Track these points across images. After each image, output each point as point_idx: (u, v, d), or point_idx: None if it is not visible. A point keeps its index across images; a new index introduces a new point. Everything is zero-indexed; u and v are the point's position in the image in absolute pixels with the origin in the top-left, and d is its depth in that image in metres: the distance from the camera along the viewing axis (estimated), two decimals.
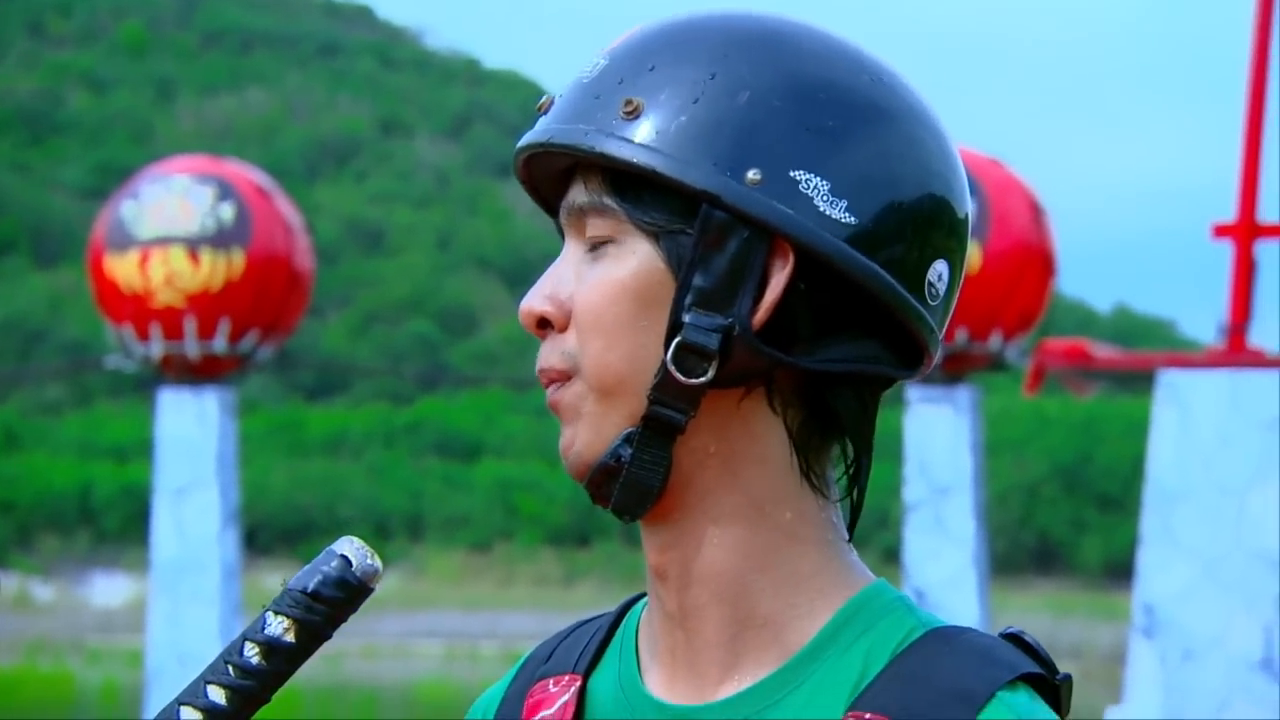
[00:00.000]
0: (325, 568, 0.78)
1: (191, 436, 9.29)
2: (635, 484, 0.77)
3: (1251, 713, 7.87)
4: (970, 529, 9.35)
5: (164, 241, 9.11)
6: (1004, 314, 9.71)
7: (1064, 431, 31.54)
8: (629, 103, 0.76)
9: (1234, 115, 8.86)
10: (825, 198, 0.76)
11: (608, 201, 0.77)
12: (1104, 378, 12.02)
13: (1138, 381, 11.05)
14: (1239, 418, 8.07)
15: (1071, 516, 30.95)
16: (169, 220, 9.35)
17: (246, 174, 9.94)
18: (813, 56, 0.78)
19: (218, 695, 0.79)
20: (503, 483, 31.72)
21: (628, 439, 0.77)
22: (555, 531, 30.87)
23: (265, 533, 27.79)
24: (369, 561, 0.79)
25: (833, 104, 0.77)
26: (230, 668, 0.79)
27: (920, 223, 0.79)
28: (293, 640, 0.78)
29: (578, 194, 0.79)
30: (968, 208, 0.83)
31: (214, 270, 9.39)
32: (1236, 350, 8.24)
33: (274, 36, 52.05)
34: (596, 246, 0.79)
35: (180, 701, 0.79)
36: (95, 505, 29.41)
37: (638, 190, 0.77)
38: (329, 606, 0.78)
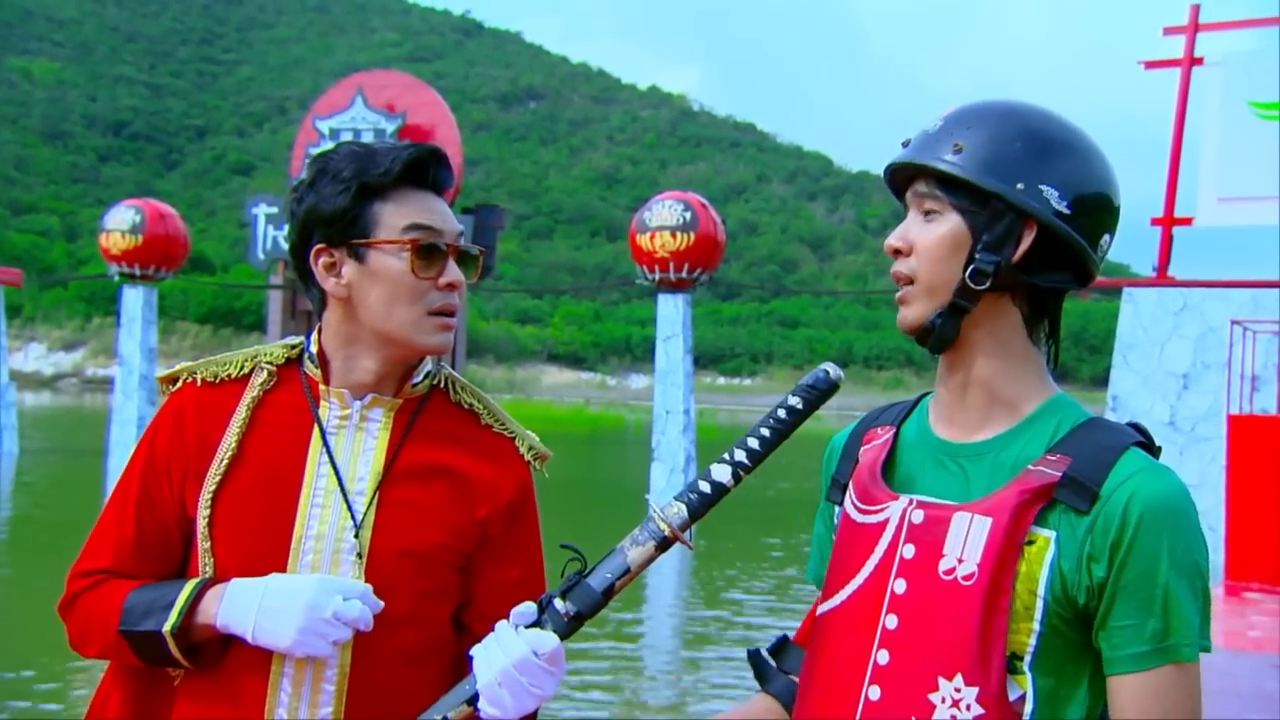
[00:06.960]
0: (816, 374, 1.06)
1: None
2: (941, 335, 1.06)
3: None
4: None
5: None
6: None
7: (1074, 317, 43.05)
8: (956, 145, 1.04)
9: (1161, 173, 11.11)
10: (1055, 198, 1.02)
11: (937, 192, 1.06)
12: (1096, 290, 12.83)
13: (1113, 292, 11.94)
14: (1162, 309, 10.79)
15: (1076, 356, 54.34)
16: None
17: None
18: (1044, 119, 1.06)
19: (754, 442, 1.05)
20: None
21: (939, 314, 1.05)
22: None
23: None
24: (838, 372, 1.06)
25: (1058, 146, 1.04)
26: (769, 419, 1.06)
27: (1099, 211, 1.04)
28: (801, 407, 1.08)
29: (920, 187, 1.08)
30: (1120, 201, 1.04)
31: None
32: (1161, 278, 11.01)
33: None
34: (928, 214, 1.06)
35: (735, 446, 1.03)
36: None
37: (955, 188, 1.05)
38: (817, 394, 1.07)
